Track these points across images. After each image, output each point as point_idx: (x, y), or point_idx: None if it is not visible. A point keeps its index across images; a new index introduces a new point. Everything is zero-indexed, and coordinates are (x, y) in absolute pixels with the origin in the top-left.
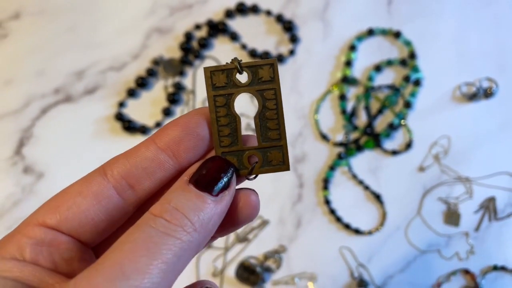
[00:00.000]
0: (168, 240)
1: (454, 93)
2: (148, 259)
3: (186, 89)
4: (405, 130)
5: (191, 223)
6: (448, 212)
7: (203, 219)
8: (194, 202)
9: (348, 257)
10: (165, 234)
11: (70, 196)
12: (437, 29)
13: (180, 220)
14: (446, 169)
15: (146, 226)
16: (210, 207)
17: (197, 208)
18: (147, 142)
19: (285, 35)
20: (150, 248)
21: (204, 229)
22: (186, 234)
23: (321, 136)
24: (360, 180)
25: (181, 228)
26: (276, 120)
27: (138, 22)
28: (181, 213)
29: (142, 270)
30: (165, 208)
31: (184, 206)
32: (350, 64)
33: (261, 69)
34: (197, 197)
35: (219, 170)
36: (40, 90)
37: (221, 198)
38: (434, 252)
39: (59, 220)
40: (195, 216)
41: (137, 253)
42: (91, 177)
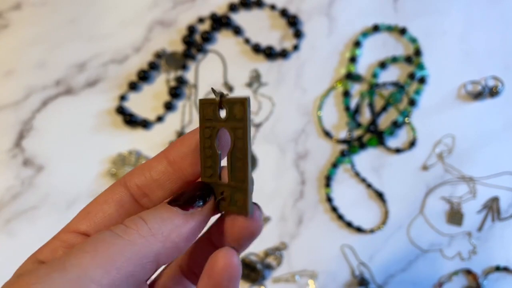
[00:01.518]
0: (119, 240)
1: (459, 91)
2: (91, 256)
3: (188, 83)
4: (409, 128)
5: (148, 228)
6: (451, 211)
7: (165, 228)
8: (159, 212)
9: (350, 255)
10: (118, 236)
11: (98, 204)
12: (444, 26)
13: (138, 226)
14: (449, 168)
15: (106, 230)
16: (177, 219)
17: (160, 218)
18: (159, 156)
19: (289, 30)
20: (98, 246)
21: (165, 238)
22: (140, 237)
23: (324, 133)
24: (362, 178)
25: (136, 232)
26: (242, 161)
27: (140, 14)
28: (142, 221)
29: (82, 265)
30: (132, 218)
31: (149, 216)
32: (355, 61)
33: (235, 105)
34: (165, 210)
35: (196, 190)
36: (41, 82)
37: (192, 214)
38: (436, 252)
39: (88, 226)
40: (156, 224)
41: (83, 250)
42: (114, 187)
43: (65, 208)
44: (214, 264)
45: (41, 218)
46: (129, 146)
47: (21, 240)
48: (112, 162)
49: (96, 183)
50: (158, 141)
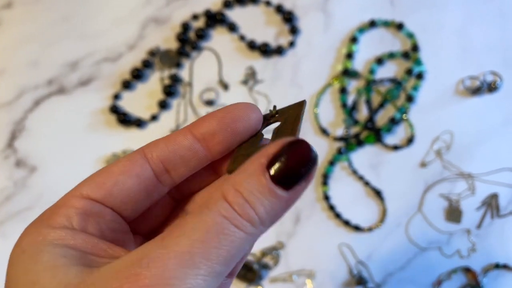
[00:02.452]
0: (238, 233)
1: (458, 87)
2: (217, 250)
3: (182, 81)
4: (406, 125)
5: (259, 219)
6: (450, 208)
7: (271, 217)
8: (267, 200)
9: (347, 254)
10: (235, 227)
11: (114, 174)
12: (441, 21)
13: (250, 214)
14: (448, 165)
15: (216, 214)
16: (281, 205)
17: (268, 206)
18: (184, 131)
19: (285, 26)
20: (221, 239)
21: (270, 224)
22: (253, 230)
23: (320, 131)
24: (360, 176)
25: (250, 224)
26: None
27: (134, 11)
28: (251, 209)
29: (211, 260)
30: (237, 199)
31: (256, 202)
32: (351, 57)
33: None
34: (271, 195)
35: (301, 163)
36: (33, 81)
37: (294, 192)
38: (435, 250)
39: (104, 195)
40: (265, 214)
41: (208, 243)
42: (134, 158)
43: None
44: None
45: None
46: (123, 146)
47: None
48: (106, 162)
49: None
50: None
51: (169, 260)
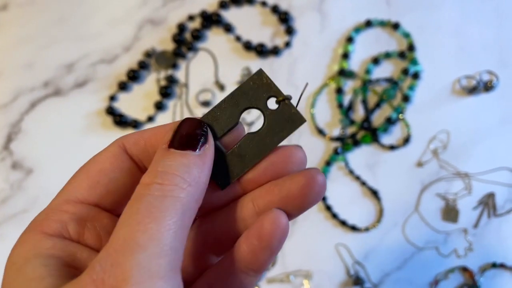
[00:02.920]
0: (168, 201)
1: (454, 86)
2: (156, 225)
3: (179, 82)
4: (403, 125)
5: (184, 180)
6: (447, 208)
7: (194, 174)
8: (180, 161)
9: (344, 255)
10: (163, 196)
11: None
12: (437, 21)
13: (172, 180)
14: (444, 165)
15: (142, 196)
16: (197, 162)
17: (184, 165)
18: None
19: (280, 27)
20: (154, 213)
21: (198, 183)
22: (182, 191)
23: (317, 131)
24: (357, 176)
25: (176, 186)
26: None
27: (130, 13)
28: (171, 173)
29: (155, 236)
30: (154, 174)
31: (172, 167)
32: (347, 57)
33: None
34: (181, 156)
35: (194, 128)
36: (29, 83)
37: (204, 152)
38: (432, 249)
39: (99, 197)
40: (186, 173)
41: (144, 222)
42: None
43: None
44: (263, 226)
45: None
46: None
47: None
48: None
49: None
50: None
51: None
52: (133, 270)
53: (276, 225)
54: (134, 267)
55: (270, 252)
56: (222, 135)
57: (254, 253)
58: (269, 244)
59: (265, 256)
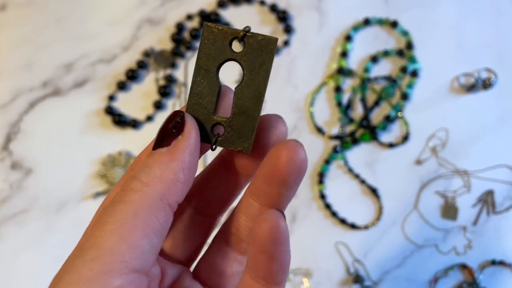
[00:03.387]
0: (119, 206)
1: (452, 84)
2: (98, 230)
3: (177, 82)
4: (402, 123)
5: (140, 181)
6: (446, 206)
7: (154, 173)
8: (144, 162)
9: (344, 253)
10: (117, 202)
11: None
12: (436, 18)
13: (130, 184)
14: (443, 162)
15: (106, 204)
16: (162, 158)
17: (146, 166)
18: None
19: (279, 26)
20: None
21: (160, 180)
22: (136, 193)
23: (316, 129)
24: (356, 174)
25: (131, 190)
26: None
27: (128, 12)
28: (133, 178)
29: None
30: (124, 181)
31: (139, 171)
32: (346, 55)
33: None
34: (147, 157)
35: (168, 121)
36: (28, 84)
37: (175, 145)
38: (431, 247)
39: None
40: (144, 174)
41: (90, 229)
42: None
43: (55, 211)
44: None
45: (30, 222)
46: (119, 147)
47: (10, 244)
48: (101, 163)
49: (86, 185)
50: (148, 141)
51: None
52: (63, 277)
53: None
54: (67, 273)
55: (269, 257)
56: (215, 107)
57: (254, 258)
58: (266, 249)
59: (263, 262)
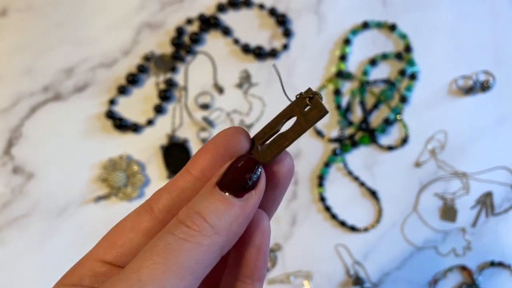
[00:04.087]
0: (186, 245)
1: (451, 86)
2: (164, 265)
3: (178, 86)
4: (400, 125)
5: (211, 227)
6: (445, 208)
7: (225, 222)
8: (216, 205)
9: (344, 255)
10: (184, 240)
11: (123, 233)
12: (433, 21)
13: (200, 225)
14: (442, 164)
15: (167, 234)
16: (234, 210)
17: (218, 212)
18: (182, 172)
19: (278, 29)
20: (168, 255)
21: (227, 231)
22: (205, 239)
23: (315, 132)
24: (355, 177)
25: (200, 233)
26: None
27: (128, 17)
28: (202, 218)
29: (157, 276)
30: (188, 214)
31: (205, 210)
32: (345, 58)
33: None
34: (220, 201)
35: (245, 171)
36: (29, 88)
37: (247, 199)
38: (430, 249)
39: (115, 256)
40: (217, 220)
41: (154, 260)
42: (140, 214)
43: (56, 215)
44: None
45: (32, 226)
46: (120, 151)
47: (12, 248)
48: (102, 167)
49: (87, 189)
50: (149, 145)
51: (116, 286)
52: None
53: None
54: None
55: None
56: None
57: (242, 254)
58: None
59: (251, 255)
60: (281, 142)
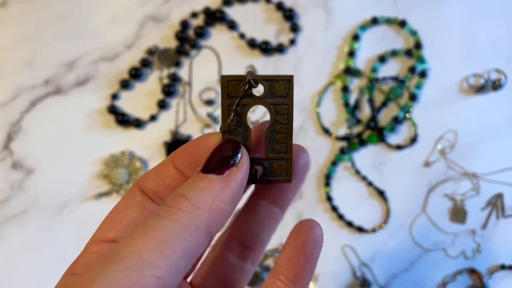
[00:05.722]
0: (165, 221)
1: (461, 85)
2: (143, 240)
3: (182, 81)
4: (410, 124)
5: (191, 203)
6: (454, 209)
7: (207, 198)
8: (197, 185)
9: (351, 256)
10: (163, 217)
11: (119, 211)
12: (445, 17)
13: (180, 203)
14: (452, 165)
15: (150, 215)
16: (215, 186)
17: (199, 189)
18: (167, 161)
19: (285, 24)
20: (147, 230)
21: (210, 207)
22: (185, 214)
23: (323, 130)
24: (363, 176)
25: (180, 209)
26: (285, 135)
27: (131, 9)
28: (182, 197)
29: (136, 250)
30: (171, 197)
31: (187, 190)
32: (353, 55)
33: (277, 83)
34: (201, 180)
35: (225, 150)
36: (29, 82)
37: (229, 175)
38: (439, 251)
39: (116, 233)
40: (197, 197)
41: (133, 236)
42: (132, 192)
43: (56, 211)
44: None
45: (31, 223)
46: (122, 147)
47: (11, 245)
48: (104, 163)
49: (88, 185)
50: (152, 141)
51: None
52: (98, 279)
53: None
54: (102, 276)
55: (306, 257)
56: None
57: (290, 259)
58: (305, 249)
59: (299, 261)
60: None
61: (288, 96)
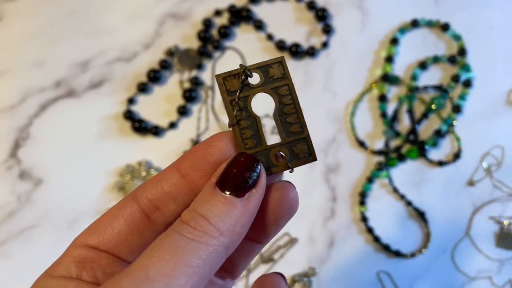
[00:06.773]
0: (193, 244)
1: (509, 96)
2: (172, 263)
3: (204, 85)
4: (453, 138)
5: (216, 229)
6: (501, 233)
7: (229, 223)
8: (218, 207)
9: (387, 283)
10: (190, 239)
11: (107, 219)
12: (491, 21)
13: (204, 227)
14: (499, 184)
15: (173, 233)
16: (236, 210)
17: (221, 213)
18: (171, 168)
19: (317, 25)
20: (176, 252)
21: (231, 232)
22: (211, 239)
23: (357, 143)
24: (401, 195)
25: (206, 234)
26: (295, 114)
27: (150, 5)
28: (205, 220)
29: (166, 273)
30: (191, 215)
31: (209, 212)
32: (391, 60)
33: (271, 68)
34: (221, 202)
35: (244, 169)
36: (39, 83)
37: (248, 198)
38: (484, 279)
39: (98, 241)
40: (220, 222)
41: (162, 257)
42: (125, 202)
43: (66, 227)
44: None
45: (39, 239)
46: (139, 156)
47: (16, 263)
48: (119, 174)
49: (101, 198)
50: (171, 151)
51: (122, 282)
52: None
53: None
54: None
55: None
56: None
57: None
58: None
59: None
60: None
61: (285, 76)
